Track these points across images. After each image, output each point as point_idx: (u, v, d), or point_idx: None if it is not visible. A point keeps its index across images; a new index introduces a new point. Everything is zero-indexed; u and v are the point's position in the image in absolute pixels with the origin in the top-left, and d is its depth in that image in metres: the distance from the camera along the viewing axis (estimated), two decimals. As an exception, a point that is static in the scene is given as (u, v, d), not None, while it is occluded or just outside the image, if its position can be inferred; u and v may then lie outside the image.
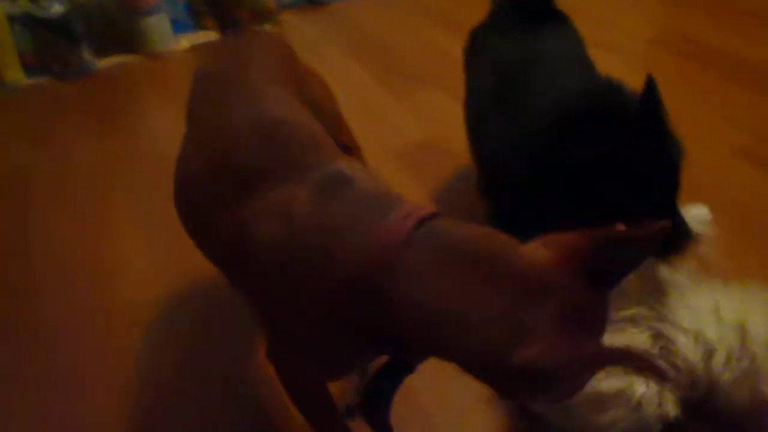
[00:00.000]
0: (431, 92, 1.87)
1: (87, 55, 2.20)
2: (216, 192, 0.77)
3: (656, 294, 0.95)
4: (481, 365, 0.59)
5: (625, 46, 2.02)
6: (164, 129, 1.85)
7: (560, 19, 1.24)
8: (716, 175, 1.48)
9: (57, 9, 2.10)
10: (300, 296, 0.68)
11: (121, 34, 2.26)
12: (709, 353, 0.89)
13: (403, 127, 1.74)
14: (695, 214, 1.14)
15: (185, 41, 2.32)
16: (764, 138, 1.57)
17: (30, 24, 2.12)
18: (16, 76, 2.14)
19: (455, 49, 1.54)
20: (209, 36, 2.33)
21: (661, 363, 0.89)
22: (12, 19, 2.09)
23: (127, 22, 2.22)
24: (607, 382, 0.89)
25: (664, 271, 0.99)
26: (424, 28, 2.31)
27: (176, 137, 1.70)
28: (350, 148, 1.17)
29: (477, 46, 1.31)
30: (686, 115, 1.68)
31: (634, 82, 1.04)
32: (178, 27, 2.32)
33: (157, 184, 1.62)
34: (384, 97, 1.89)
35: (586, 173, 0.99)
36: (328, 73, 1.90)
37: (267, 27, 2.36)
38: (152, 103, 1.98)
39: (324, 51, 2.19)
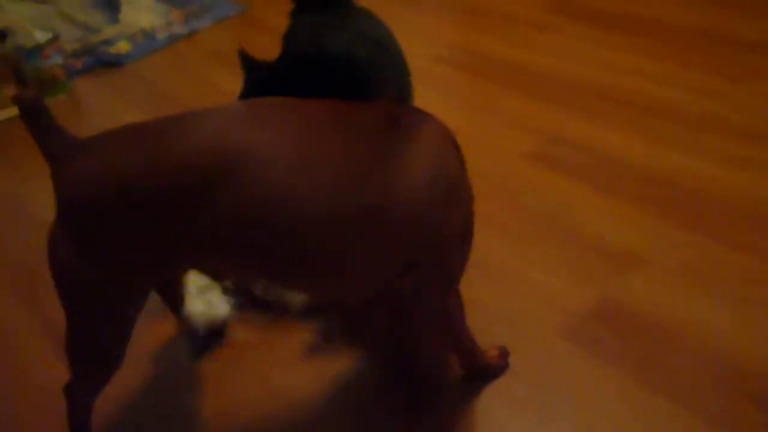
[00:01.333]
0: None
1: None
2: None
3: None
4: None
5: (413, 64, 2.15)
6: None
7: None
8: (508, 179, 1.61)
9: None
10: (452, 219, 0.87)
11: None
12: None
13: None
14: None
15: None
16: (552, 140, 1.73)
17: None
18: None
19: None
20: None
21: None
22: None
23: None
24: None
25: None
26: (211, 72, 2.31)
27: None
28: None
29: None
30: (476, 125, 1.82)
31: (420, 94, 1.12)
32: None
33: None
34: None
35: None
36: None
37: (59, 96, 2.23)
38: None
39: (120, 112, 2.11)
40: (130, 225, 0.79)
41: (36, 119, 0.82)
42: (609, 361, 1.13)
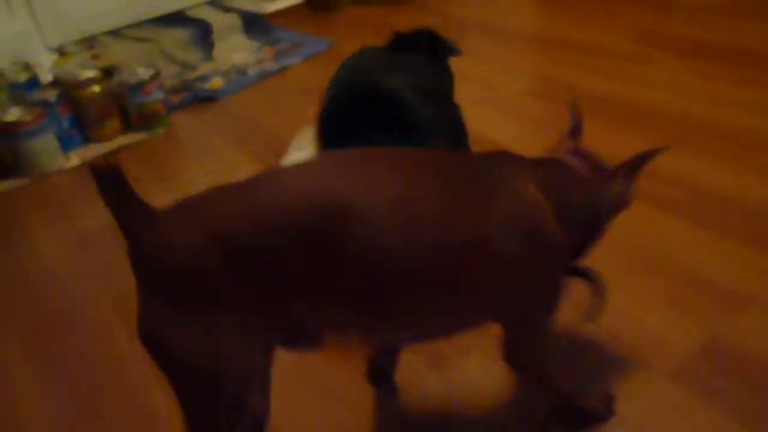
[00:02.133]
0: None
1: (-29, 186, 2.11)
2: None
3: None
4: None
5: (502, 98, 2.15)
6: (54, 253, 1.78)
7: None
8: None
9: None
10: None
11: (6, 159, 2.19)
12: None
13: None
14: None
15: (75, 157, 2.27)
16: (645, 173, 1.69)
17: None
18: None
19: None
20: (99, 149, 2.29)
21: None
22: None
23: (9, 147, 2.15)
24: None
25: None
26: (300, 107, 2.38)
27: (66, 261, 1.69)
28: None
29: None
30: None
31: (509, 128, 1.15)
32: (66, 143, 2.27)
33: (48, 315, 1.55)
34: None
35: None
36: (222, 166, 1.93)
37: (158, 131, 2.35)
38: (41, 227, 1.91)
39: (215, 145, 2.20)
40: (237, 285, 0.75)
41: (114, 189, 0.76)
42: (717, 406, 1.08)
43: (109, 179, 0.75)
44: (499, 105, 2.03)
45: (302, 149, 1.52)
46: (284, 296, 0.78)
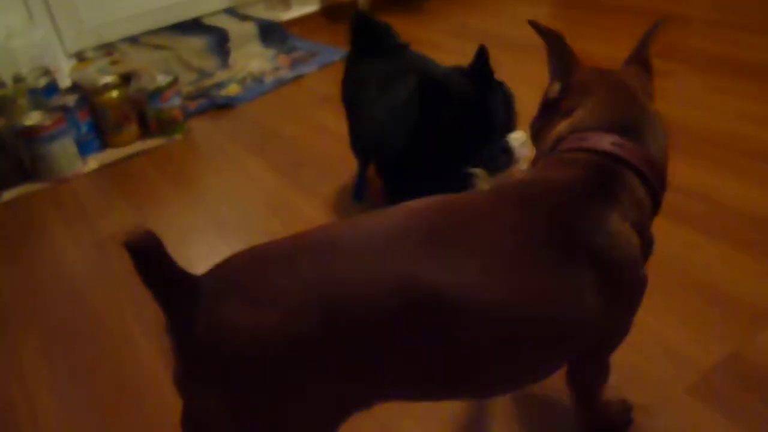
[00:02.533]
0: (335, 184, 1.92)
1: (-11, 189, 2.13)
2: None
3: None
4: None
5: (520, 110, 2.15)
6: (72, 257, 1.79)
7: (403, 47, 1.77)
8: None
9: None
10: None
11: (25, 163, 2.21)
12: None
13: (311, 220, 1.77)
14: (515, 137, 1.61)
15: (93, 162, 2.28)
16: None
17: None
18: None
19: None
20: (117, 154, 2.31)
21: None
22: None
23: (29, 151, 2.17)
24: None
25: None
26: (315, 114, 2.39)
27: (85, 265, 1.69)
28: None
29: (352, 73, 1.78)
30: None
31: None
32: (84, 148, 2.29)
33: (67, 320, 1.56)
34: (293, 193, 1.92)
35: (443, 130, 1.45)
36: (238, 173, 1.94)
37: (176, 136, 2.36)
38: (59, 231, 1.93)
39: (231, 151, 2.21)
40: (307, 372, 0.66)
41: (152, 264, 0.66)
42: (736, 421, 1.07)
43: (146, 253, 0.65)
44: (519, 117, 2.03)
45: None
46: (374, 376, 0.70)
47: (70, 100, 2.26)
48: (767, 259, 1.39)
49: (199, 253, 1.70)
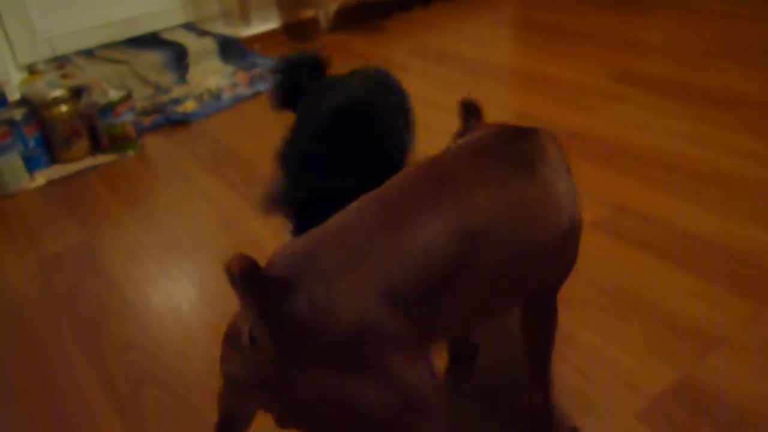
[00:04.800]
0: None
1: (-71, 205, 2.04)
2: None
3: None
4: None
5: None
6: (15, 277, 1.72)
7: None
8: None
9: None
10: None
11: (-32, 178, 2.13)
12: None
13: (264, 240, 1.73)
14: None
15: (41, 177, 2.21)
16: (618, 210, 1.70)
17: None
18: None
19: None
20: (66, 170, 2.24)
21: None
22: None
23: (-27, 165, 2.10)
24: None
25: None
26: (273, 131, 2.35)
27: (31, 285, 1.63)
28: None
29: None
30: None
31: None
32: (32, 163, 2.22)
33: (3, 342, 1.50)
34: (247, 212, 1.88)
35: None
36: (192, 191, 1.90)
37: (129, 153, 2.31)
38: (2, 248, 1.85)
39: (185, 169, 2.16)
40: (407, 328, 0.76)
41: (250, 285, 0.69)
42: (688, 447, 1.07)
43: (247, 279, 0.68)
44: (474, 137, 2.03)
45: None
46: (438, 322, 0.83)
47: (18, 113, 2.18)
48: (720, 283, 1.40)
49: (148, 272, 1.65)
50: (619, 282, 1.44)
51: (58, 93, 2.24)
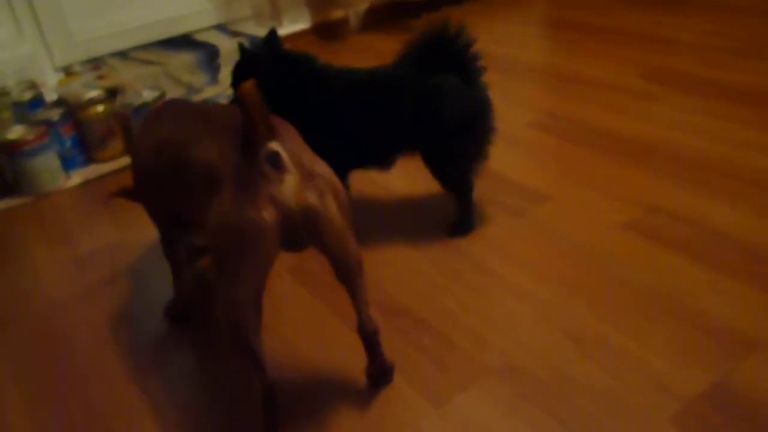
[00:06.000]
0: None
1: (-30, 203, 2.10)
2: None
3: None
4: None
5: (507, 129, 2.14)
6: (51, 274, 1.76)
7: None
8: (604, 249, 1.56)
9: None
10: None
11: (7, 178, 2.18)
12: None
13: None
14: None
15: (76, 177, 2.26)
16: (649, 211, 1.68)
17: None
18: None
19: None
20: (101, 169, 2.28)
21: None
22: None
23: (11, 165, 2.14)
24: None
25: None
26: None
27: (66, 283, 1.67)
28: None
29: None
30: (570, 194, 1.78)
31: (516, 161, 1.11)
32: (68, 163, 2.27)
33: (41, 340, 1.53)
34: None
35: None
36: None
37: None
38: (39, 247, 1.90)
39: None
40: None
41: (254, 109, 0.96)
42: (722, 451, 1.05)
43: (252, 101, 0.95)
44: (504, 136, 2.02)
45: None
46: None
47: (55, 114, 2.23)
48: (754, 284, 1.38)
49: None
50: (651, 283, 1.42)
51: (93, 94, 2.28)
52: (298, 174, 1.01)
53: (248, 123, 0.96)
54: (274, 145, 0.99)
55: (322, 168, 1.06)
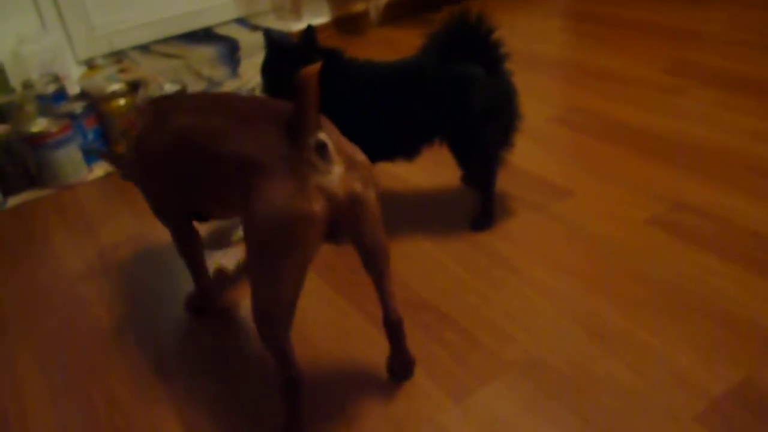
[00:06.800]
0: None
1: (-6, 195, 2.13)
2: None
3: None
4: None
5: (530, 123, 2.12)
6: (74, 266, 1.77)
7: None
8: (629, 245, 1.54)
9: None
10: None
11: (31, 170, 2.20)
12: None
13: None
14: None
15: (98, 170, 2.27)
16: (675, 206, 1.65)
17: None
18: None
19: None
20: (123, 161, 2.30)
21: None
22: None
23: (35, 157, 2.17)
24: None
25: None
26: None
27: (89, 273, 1.68)
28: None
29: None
30: (594, 189, 1.76)
31: (538, 156, 1.09)
32: (90, 156, 2.28)
33: (65, 330, 1.54)
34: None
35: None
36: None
37: None
38: (62, 238, 1.91)
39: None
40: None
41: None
42: (749, 451, 1.03)
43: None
44: (527, 131, 2.00)
45: None
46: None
47: (77, 107, 2.25)
48: (781, 282, 1.36)
49: (201, 264, 1.68)
50: (676, 279, 1.40)
51: (116, 87, 2.29)
52: (343, 163, 1.00)
53: (301, 111, 0.94)
54: (322, 135, 0.98)
55: (362, 156, 1.05)
